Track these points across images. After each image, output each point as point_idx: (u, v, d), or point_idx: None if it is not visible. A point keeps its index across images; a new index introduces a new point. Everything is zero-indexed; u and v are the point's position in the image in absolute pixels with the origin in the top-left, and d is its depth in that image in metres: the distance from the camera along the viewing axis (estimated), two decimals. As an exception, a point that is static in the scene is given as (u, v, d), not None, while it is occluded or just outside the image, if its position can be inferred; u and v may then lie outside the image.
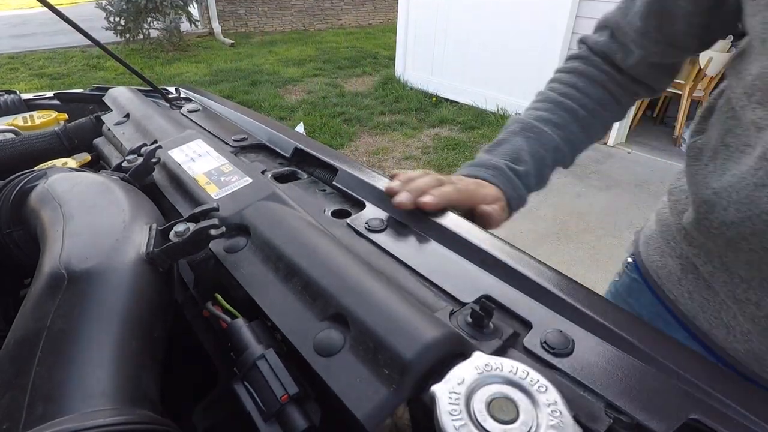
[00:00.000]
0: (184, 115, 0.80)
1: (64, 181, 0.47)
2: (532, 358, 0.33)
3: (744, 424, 0.28)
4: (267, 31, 9.09)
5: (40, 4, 0.66)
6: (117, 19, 6.39)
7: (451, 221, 0.47)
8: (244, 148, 0.66)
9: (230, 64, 6.26)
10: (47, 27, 8.48)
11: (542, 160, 0.65)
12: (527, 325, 0.36)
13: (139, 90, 0.90)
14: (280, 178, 0.60)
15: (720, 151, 0.53)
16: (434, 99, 4.77)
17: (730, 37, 4.49)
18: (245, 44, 7.74)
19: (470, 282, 0.40)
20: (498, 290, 0.39)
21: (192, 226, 0.40)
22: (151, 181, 0.57)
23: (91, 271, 0.35)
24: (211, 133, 0.70)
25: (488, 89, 4.51)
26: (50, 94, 0.98)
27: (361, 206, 0.52)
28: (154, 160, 0.56)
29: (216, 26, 8.09)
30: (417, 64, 4.98)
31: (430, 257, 0.43)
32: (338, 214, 0.51)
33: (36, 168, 0.58)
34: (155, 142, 0.63)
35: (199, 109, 0.82)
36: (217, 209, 0.43)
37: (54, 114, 0.86)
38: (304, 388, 0.33)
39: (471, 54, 4.55)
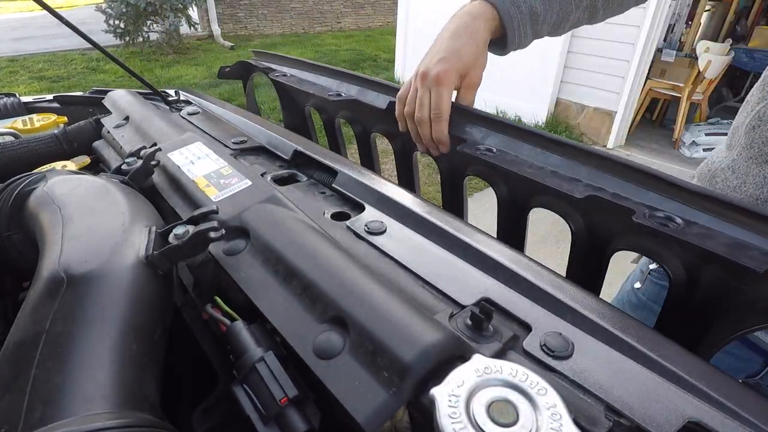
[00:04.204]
0: (183, 117, 0.80)
1: (64, 184, 0.47)
2: (531, 360, 0.33)
3: (743, 426, 0.28)
4: (266, 34, 9.11)
5: (40, 8, 0.66)
6: (116, 22, 6.40)
7: (452, 224, 0.47)
8: (244, 151, 0.66)
9: (230, 67, 6.27)
10: (47, 30, 8.48)
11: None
12: (527, 328, 0.36)
13: (139, 93, 0.90)
14: (280, 181, 0.60)
15: None
16: (433, 101, 4.78)
17: (729, 41, 4.51)
18: (245, 47, 7.75)
19: (470, 284, 0.40)
20: (497, 293, 0.39)
21: (191, 229, 0.40)
22: (150, 183, 0.57)
23: (90, 274, 0.35)
24: (211, 136, 0.70)
25: (487, 92, 4.51)
26: (50, 96, 0.98)
27: (361, 209, 0.52)
28: (153, 162, 0.56)
29: (215, 29, 8.10)
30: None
31: (429, 259, 0.43)
32: (338, 217, 0.51)
33: (35, 171, 0.58)
34: (155, 144, 0.63)
35: (198, 112, 0.82)
36: (216, 212, 0.43)
37: (53, 117, 0.86)
38: (304, 391, 0.33)
39: (470, 57, 4.57)
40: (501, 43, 0.66)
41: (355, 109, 0.80)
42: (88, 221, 0.41)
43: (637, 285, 0.78)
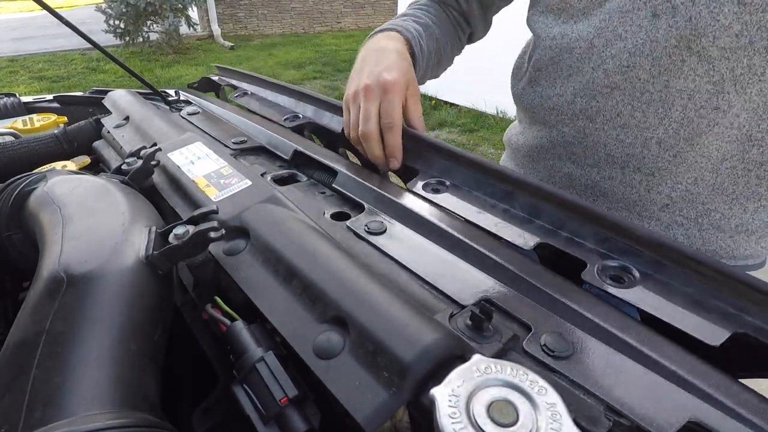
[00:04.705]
0: (183, 117, 0.80)
1: (64, 184, 0.47)
2: (531, 361, 0.33)
3: (743, 426, 0.28)
4: (266, 34, 9.11)
5: (40, 8, 0.66)
6: (116, 22, 6.41)
7: (452, 224, 0.47)
8: (244, 151, 0.66)
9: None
10: (47, 30, 8.49)
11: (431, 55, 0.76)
12: (527, 328, 0.36)
13: (139, 93, 0.90)
14: (280, 181, 0.60)
15: None
16: (433, 102, 4.78)
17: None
18: (245, 47, 7.76)
19: (470, 284, 0.40)
20: (498, 293, 0.39)
21: (191, 229, 0.40)
22: (150, 183, 0.57)
23: (90, 274, 0.35)
24: (211, 136, 0.70)
25: (487, 92, 4.52)
26: (50, 96, 0.98)
27: (361, 209, 0.52)
28: (153, 162, 0.56)
29: (216, 29, 8.10)
30: (416, 67, 5.01)
31: (429, 259, 0.43)
32: (338, 217, 0.51)
33: (35, 171, 0.58)
34: (155, 144, 0.63)
35: (198, 112, 0.82)
36: (216, 212, 0.43)
37: (53, 117, 0.86)
38: (304, 391, 0.33)
39: (470, 56, 4.57)
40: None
41: (313, 130, 0.80)
42: (88, 221, 0.41)
43: None
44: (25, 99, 0.95)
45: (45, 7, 0.67)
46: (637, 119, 0.59)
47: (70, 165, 0.70)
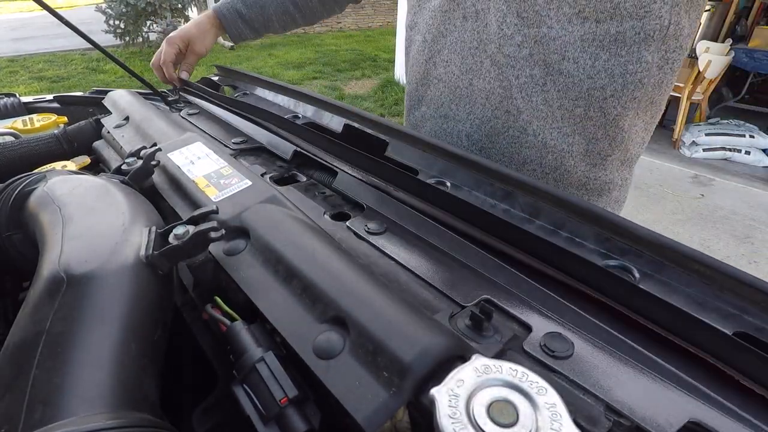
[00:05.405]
0: (183, 117, 0.80)
1: (64, 184, 0.47)
2: (531, 361, 0.33)
3: (743, 426, 0.28)
4: (267, 34, 9.10)
5: (40, 8, 0.66)
6: (116, 22, 6.41)
7: (451, 224, 0.47)
8: (244, 151, 0.66)
9: (230, 67, 6.26)
10: (47, 30, 8.49)
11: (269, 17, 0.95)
12: (527, 328, 0.36)
13: (139, 93, 0.90)
14: (280, 181, 0.60)
15: None
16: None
17: (729, 41, 4.50)
18: (245, 47, 7.75)
19: (470, 284, 0.40)
20: (498, 293, 0.39)
21: (191, 229, 0.40)
22: (150, 183, 0.57)
23: (91, 274, 0.35)
24: (211, 136, 0.70)
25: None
26: (50, 97, 0.98)
27: (361, 209, 0.52)
28: (153, 162, 0.56)
29: (216, 29, 8.09)
30: (416, 67, 5.01)
31: (429, 260, 0.43)
32: (338, 217, 0.51)
33: (35, 171, 0.58)
34: (155, 144, 0.63)
35: (198, 112, 0.82)
36: (216, 212, 0.43)
37: (53, 117, 0.86)
38: (304, 391, 0.33)
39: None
40: (229, 34, 0.96)
41: (314, 128, 0.79)
42: (88, 221, 0.41)
43: None
44: (25, 99, 0.95)
45: (45, 7, 0.67)
46: (453, 111, 0.67)
47: (70, 165, 0.69)
